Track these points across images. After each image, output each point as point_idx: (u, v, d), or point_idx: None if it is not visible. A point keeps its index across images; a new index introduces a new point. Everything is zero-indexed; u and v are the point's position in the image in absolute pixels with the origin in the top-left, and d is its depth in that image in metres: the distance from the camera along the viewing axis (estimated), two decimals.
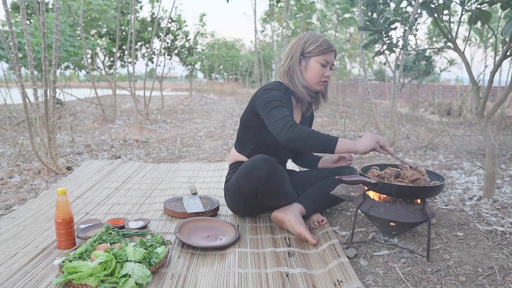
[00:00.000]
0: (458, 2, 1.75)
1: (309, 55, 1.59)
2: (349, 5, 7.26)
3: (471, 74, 1.91)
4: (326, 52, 1.58)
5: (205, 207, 1.83)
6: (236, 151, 1.80)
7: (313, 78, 1.61)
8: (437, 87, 10.02)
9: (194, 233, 1.55)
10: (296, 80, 1.61)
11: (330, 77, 1.66)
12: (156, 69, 6.48)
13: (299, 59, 1.61)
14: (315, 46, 1.57)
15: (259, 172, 1.46)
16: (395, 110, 3.74)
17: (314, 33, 1.65)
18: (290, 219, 1.55)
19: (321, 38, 1.60)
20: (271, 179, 1.48)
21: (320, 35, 1.62)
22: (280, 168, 1.53)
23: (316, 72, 1.60)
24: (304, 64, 1.61)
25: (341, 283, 1.17)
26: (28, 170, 2.61)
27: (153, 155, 3.40)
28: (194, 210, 1.78)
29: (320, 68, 1.59)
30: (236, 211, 1.79)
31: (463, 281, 1.24)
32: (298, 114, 1.76)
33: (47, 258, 1.35)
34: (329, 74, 1.63)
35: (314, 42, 1.58)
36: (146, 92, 5.84)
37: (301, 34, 1.66)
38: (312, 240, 1.46)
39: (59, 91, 5.61)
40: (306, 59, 1.60)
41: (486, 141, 1.94)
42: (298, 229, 1.50)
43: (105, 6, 7.32)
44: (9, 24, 2.23)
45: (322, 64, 1.59)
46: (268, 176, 1.47)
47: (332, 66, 1.65)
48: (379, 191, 1.44)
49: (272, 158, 1.51)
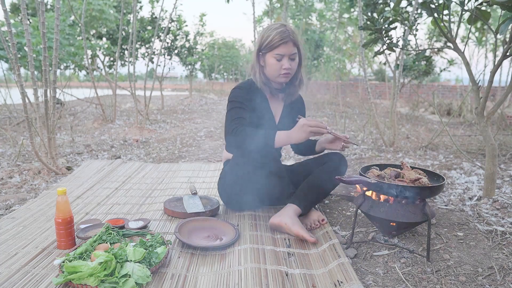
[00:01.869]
0: (458, 2, 1.75)
1: (264, 51, 1.61)
2: (349, 6, 7.26)
3: (471, 74, 1.91)
4: (278, 46, 1.56)
5: (205, 207, 1.83)
6: (226, 150, 1.89)
7: (273, 73, 1.63)
8: (437, 87, 10.02)
9: (194, 233, 1.55)
10: (257, 77, 1.67)
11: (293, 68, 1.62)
12: (156, 69, 6.48)
13: (257, 56, 1.64)
14: (267, 43, 1.58)
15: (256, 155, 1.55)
16: (395, 110, 3.74)
17: (271, 26, 1.61)
18: (286, 222, 1.54)
19: (273, 32, 1.57)
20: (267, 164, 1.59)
21: (274, 28, 1.58)
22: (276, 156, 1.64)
23: (273, 67, 1.61)
24: (263, 61, 1.64)
25: (341, 283, 1.17)
26: (28, 170, 2.61)
27: (153, 155, 3.40)
28: (194, 210, 1.78)
29: (275, 62, 1.59)
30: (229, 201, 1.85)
31: (463, 281, 1.24)
32: (278, 105, 1.79)
33: (47, 258, 1.35)
34: (288, 66, 1.59)
35: (266, 38, 1.58)
36: (146, 92, 5.84)
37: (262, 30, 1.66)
38: (310, 239, 1.46)
39: (59, 91, 5.61)
40: (264, 56, 1.62)
41: (486, 141, 1.94)
42: (295, 230, 1.51)
43: (105, 6, 7.32)
44: (8, 24, 2.23)
45: (277, 58, 1.58)
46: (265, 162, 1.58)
47: (292, 55, 1.59)
48: (379, 191, 1.44)
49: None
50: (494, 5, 1.57)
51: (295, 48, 1.59)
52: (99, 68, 8.97)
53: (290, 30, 1.58)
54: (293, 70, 1.63)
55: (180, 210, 1.79)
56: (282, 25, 1.60)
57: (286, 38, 1.55)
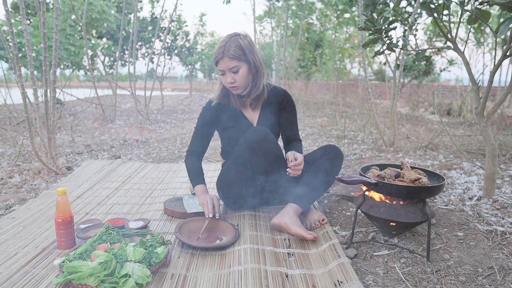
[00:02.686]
0: (458, 2, 1.75)
1: (214, 66, 1.66)
2: (348, 6, 7.26)
3: (471, 74, 1.91)
4: (216, 63, 1.62)
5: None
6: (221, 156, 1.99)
7: (225, 85, 1.68)
8: (437, 87, 10.01)
9: (194, 233, 1.55)
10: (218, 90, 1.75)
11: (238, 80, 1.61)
12: (156, 69, 6.49)
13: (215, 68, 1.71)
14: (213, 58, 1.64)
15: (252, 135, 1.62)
16: (395, 110, 3.74)
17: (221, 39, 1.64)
18: (285, 221, 1.56)
19: (216, 47, 1.61)
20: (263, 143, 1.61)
21: (219, 43, 1.62)
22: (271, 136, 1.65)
23: (222, 81, 1.67)
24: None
25: (341, 283, 1.17)
26: (28, 170, 2.61)
27: (153, 155, 3.40)
28: (194, 210, 1.78)
29: (221, 77, 1.66)
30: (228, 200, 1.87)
31: (463, 281, 1.24)
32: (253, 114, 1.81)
33: (47, 258, 1.35)
34: (230, 80, 1.61)
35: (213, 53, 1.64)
36: (146, 92, 5.84)
37: None
38: (308, 236, 1.47)
39: (59, 91, 5.61)
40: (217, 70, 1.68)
41: (486, 141, 1.94)
42: (294, 229, 1.52)
43: (106, 6, 7.32)
44: (9, 24, 2.23)
45: (220, 73, 1.64)
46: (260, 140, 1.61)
47: (233, 68, 1.59)
48: (379, 191, 1.44)
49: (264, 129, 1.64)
50: (491, 6, 1.57)
51: (233, 62, 1.58)
52: (99, 68, 8.98)
53: (229, 45, 1.57)
54: (239, 82, 1.62)
55: (180, 210, 1.79)
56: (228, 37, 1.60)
57: (221, 54, 1.58)
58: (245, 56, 1.60)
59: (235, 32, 1.64)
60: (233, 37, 1.61)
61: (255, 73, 1.67)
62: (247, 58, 1.61)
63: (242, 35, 1.63)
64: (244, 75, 1.62)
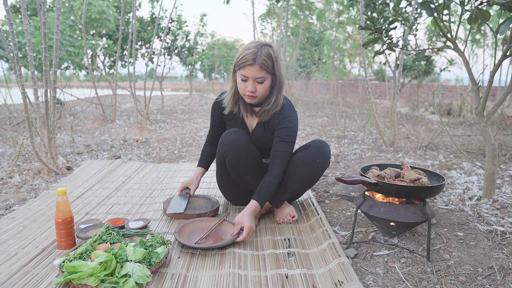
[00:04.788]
0: (458, 2, 1.75)
1: (236, 68, 1.59)
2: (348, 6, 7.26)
3: (471, 74, 1.91)
4: (243, 67, 1.53)
5: (205, 206, 1.83)
6: None
7: (240, 91, 1.62)
8: (437, 87, 10.01)
9: (195, 233, 1.55)
10: (230, 90, 1.69)
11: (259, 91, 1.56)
12: (156, 69, 6.49)
13: (233, 70, 1.62)
14: (237, 60, 1.56)
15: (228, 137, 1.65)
16: (395, 110, 3.74)
17: (249, 44, 1.57)
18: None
19: (245, 51, 1.53)
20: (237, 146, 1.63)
21: (248, 48, 1.54)
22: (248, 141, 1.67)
23: (240, 86, 1.60)
24: (236, 76, 1.62)
25: (342, 283, 1.17)
26: (28, 170, 2.61)
27: (153, 155, 3.40)
28: (173, 211, 1.75)
29: (241, 82, 1.58)
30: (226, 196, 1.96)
31: (463, 281, 1.24)
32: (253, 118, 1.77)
33: (47, 258, 1.35)
34: (252, 89, 1.55)
35: (238, 56, 1.56)
36: (146, 92, 5.84)
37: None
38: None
39: (59, 91, 5.60)
40: (236, 73, 1.61)
41: (486, 141, 1.94)
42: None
43: (105, 6, 7.32)
44: (9, 24, 2.23)
45: (242, 78, 1.56)
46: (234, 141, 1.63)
47: (259, 79, 1.54)
48: (379, 191, 1.44)
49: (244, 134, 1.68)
50: (491, 5, 1.57)
51: (262, 72, 1.53)
52: (99, 68, 8.97)
53: (261, 53, 1.51)
54: (260, 93, 1.57)
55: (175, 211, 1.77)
56: (259, 45, 1.54)
57: (252, 61, 1.51)
58: (273, 69, 1.56)
59: (265, 42, 1.59)
60: (265, 46, 1.55)
61: (277, 88, 1.62)
62: (274, 70, 1.56)
63: (272, 46, 1.57)
64: (266, 88, 1.58)
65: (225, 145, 1.66)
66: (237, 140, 1.64)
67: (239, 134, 1.66)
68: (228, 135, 1.67)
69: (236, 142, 1.64)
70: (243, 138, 1.66)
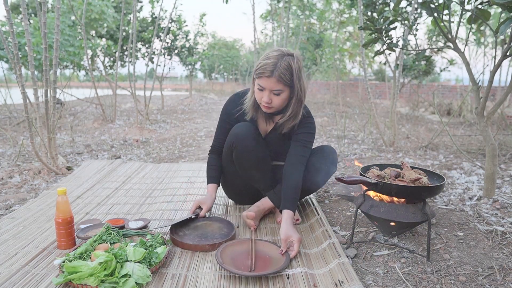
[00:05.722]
0: (458, 2, 1.75)
1: (254, 76, 1.54)
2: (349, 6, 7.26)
3: (471, 74, 1.91)
4: (259, 77, 1.48)
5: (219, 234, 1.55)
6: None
7: (257, 99, 1.57)
8: (437, 87, 10.01)
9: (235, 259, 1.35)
10: (250, 96, 1.64)
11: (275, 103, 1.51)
12: (156, 69, 6.49)
13: (253, 78, 1.56)
14: (255, 69, 1.51)
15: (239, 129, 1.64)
16: (395, 110, 3.74)
17: (270, 53, 1.50)
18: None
19: (264, 61, 1.47)
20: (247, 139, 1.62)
21: (268, 57, 1.48)
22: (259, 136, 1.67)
23: (256, 95, 1.56)
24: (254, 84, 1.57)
25: (342, 283, 1.17)
26: (28, 170, 2.61)
27: (153, 155, 3.40)
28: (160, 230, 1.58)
29: (257, 91, 1.53)
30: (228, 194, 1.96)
31: (463, 281, 1.24)
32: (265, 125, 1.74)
33: (47, 258, 1.35)
34: (267, 100, 1.50)
35: (258, 64, 1.50)
36: (146, 92, 5.84)
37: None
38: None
39: (59, 91, 5.61)
40: (255, 80, 1.55)
41: (486, 141, 1.94)
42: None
43: (105, 6, 7.32)
44: (10, 24, 2.23)
45: (258, 88, 1.51)
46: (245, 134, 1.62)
47: (276, 91, 1.48)
48: (379, 191, 1.44)
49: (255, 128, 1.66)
50: (491, 5, 1.57)
51: (279, 85, 1.47)
52: (99, 68, 8.98)
53: (280, 65, 1.45)
54: (276, 104, 1.52)
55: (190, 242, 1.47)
56: (280, 55, 1.47)
57: (270, 73, 1.45)
58: (292, 82, 1.48)
59: (288, 50, 1.51)
60: (286, 56, 1.47)
61: (296, 101, 1.55)
62: (293, 84, 1.49)
63: (295, 56, 1.50)
64: (283, 100, 1.52)
65: (234, 136, 1.63)
66: (248, 133, 1.62)
67: (250, 128, 1.64)
68: (239, 127, 1.64)
69: (247, 135, 1.62)
70: (253, 132, 1.64)
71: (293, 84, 1.49)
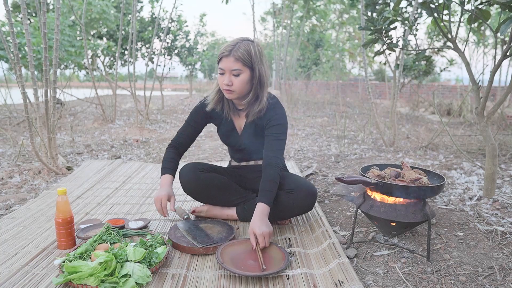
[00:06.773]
0: (458, 2, 1.75)
1: (217, 63, 1.58)
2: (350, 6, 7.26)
3: (471, 74, 1.91)
4: (220, 59, 1.53)
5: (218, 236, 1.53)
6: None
7: (220, 86, 1.58)
8: (437, 87, 10.01)
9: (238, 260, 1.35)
10: (214, 87, 1.68)
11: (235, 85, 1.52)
12: (156, 69, 6.49)
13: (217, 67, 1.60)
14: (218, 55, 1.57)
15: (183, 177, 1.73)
16: (395, 110, 3.74)
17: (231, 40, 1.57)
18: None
19: (224, 45, 1.54)
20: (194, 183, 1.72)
21: (229, 42, 1.54)
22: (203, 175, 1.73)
23: (219, 80, 1.58)
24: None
25: (342, 283, 1.17)
26: (28, 170, 2.61)
27: (153, 155, 3.40)
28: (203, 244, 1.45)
29: (219, 76, 1.56)
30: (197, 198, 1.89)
31: (463, 281, 1.24)
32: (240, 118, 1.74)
33: (47, 258, 1.35)
34: (227, 82, 1.51)
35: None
36: (146, 92, 5.84)
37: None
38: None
39: (59, 91, 5.61)
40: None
41: (486, 141, 1.94)
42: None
43: (105, 6, 7.32)
44: (10, 24, 2.23)
45: (220, 72, 1.54)
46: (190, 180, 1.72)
47: (234, 71, 1.50)
48: (379, 191, 1.44)
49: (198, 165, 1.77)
50: (492, 5, 1.57)
51: (238, 64, 1.50)
52: (99, 68, 8.98)
53: (239, 46, 1.50)
54: (236, 87, 1.53)
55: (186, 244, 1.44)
56: (239, 40, 1.54)
57: (226, 53, 1.50)
58: (251, 63, 1.52)
59: (248, 37, 1.58)
60: (245, 40, 1.54)
61: (257, 84, 1.57)
62: (252, 65, 1.52)
63: (256, 43, 1.56)
64: (243, 82, 1.53)
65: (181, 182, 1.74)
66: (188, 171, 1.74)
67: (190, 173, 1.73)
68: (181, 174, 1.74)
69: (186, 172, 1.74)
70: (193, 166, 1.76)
71: (253, 66, 1.53)
